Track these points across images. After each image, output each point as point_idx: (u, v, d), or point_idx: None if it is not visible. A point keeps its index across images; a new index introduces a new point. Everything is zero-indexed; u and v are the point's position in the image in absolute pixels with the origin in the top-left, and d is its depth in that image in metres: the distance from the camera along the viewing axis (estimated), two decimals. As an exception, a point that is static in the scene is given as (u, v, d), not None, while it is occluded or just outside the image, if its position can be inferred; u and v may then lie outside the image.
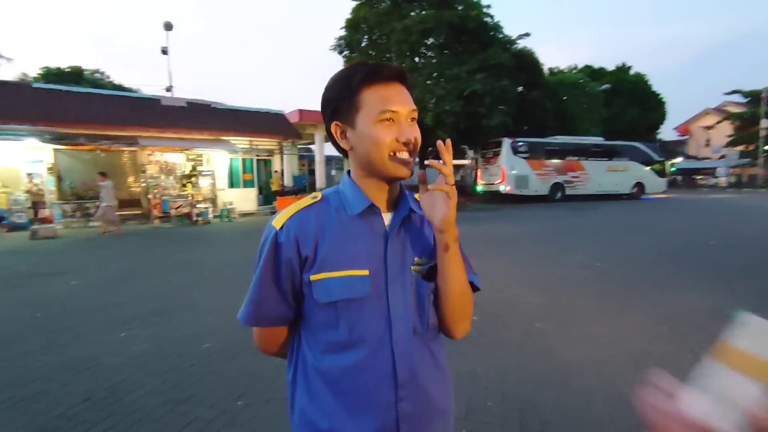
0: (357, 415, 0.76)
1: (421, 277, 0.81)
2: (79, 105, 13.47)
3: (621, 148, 20.12)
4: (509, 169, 17.33)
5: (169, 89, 20.11)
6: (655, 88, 32.03)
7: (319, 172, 19.12)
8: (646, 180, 20.23)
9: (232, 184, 16.21)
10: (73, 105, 13.35)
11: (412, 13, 18.46)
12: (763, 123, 29.73)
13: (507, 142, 17.41)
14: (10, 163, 12.20)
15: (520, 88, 20.74)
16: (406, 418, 0.77)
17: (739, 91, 33.18)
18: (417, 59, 19.00)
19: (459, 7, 18.09)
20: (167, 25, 19.88)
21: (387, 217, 0.82)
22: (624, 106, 29.18)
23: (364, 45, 19.75)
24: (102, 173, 10.59)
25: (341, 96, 0.78)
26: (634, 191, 19.94)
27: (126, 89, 25.68)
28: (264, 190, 17.40)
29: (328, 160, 23.03)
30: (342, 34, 19.98)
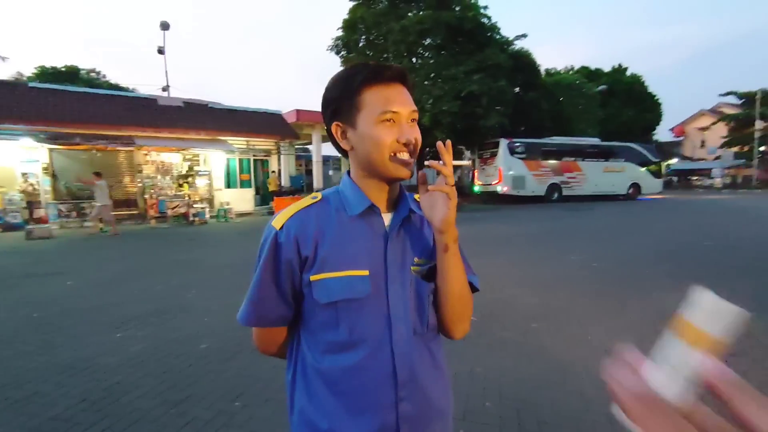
0: (357, 416, 0.76)
1: (421, 277, 0.81)
2: (74, 104, 13.40)
3: (617, 149, 20.22)
4: (506, 170, 17.38)
5: (165, 89, 20.04)
6: (651, 89, 32.26)
7: (316, 172, 19.11)
8: (642, 181, 20.34)
9: (229, 184, 16.17)
10: (68, 104, 13.28)
11: (409, 14, 18.49)
12: (758, 124, 29.96)
13: (504, 143, 17.46)
14: (5, 163, 12.11)
15: (517, 89, 20.80)
16: (406, 419, 0.77)
17: (733, 93, 33.45)
18: (414, 60, 19.03)
19: (456, 7, 18.13)
20: (164, 25, 19.80)
21: (387, 217, 0.82)
22: (620, 107, 29.35)
23: (361, 45, 19.76)
24: (96, 173, 10.55)
25: (342, 96, 0.78)
26: (631, 192, 20.04)
27: (122, 89, 25.57)
28: (261, 190, 17.36)
29: (326, 161, 23.01)
30: (339, 34, 19.98)
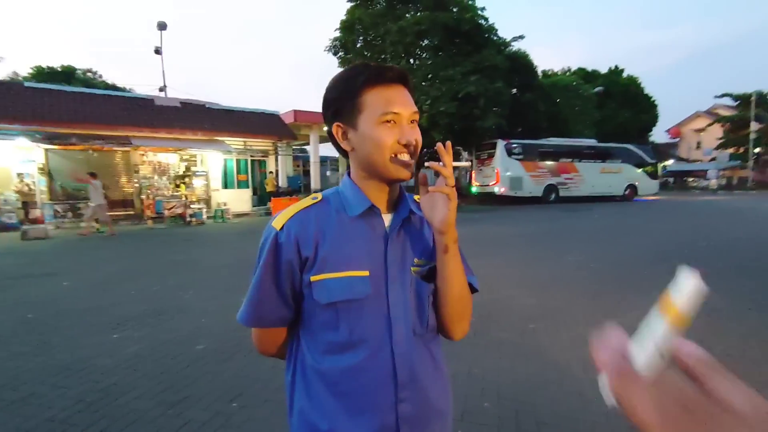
0: (357, 416, 0.76)
1: (421, 278, 0.81)
2: (71, 104, 13.33)
3: (614, 151, 20.32)
4: (503, 171, 17.42)
5: (162, 89, 19.98)
6: (647, 90, 32.45)
7: (313, 172, 19.09)
8: (638, 182, 20.45)
9: (227, 184, 16.13)
10: (65, 104, 13.21)
11: (407, 15, 18.52)
12: (753, 126, 30.18)
13: (501, 144, 17.51)
14: (1, 163, 12.04)
15: (514, 90, 20.85)
16: (406, 419, 0.77)
17: (729, 95, 33.69)
18: (412, 61, 19.05)
19: (453, 9, 18.17)
20: (161, 25, 19.75)
21: (387, 218, 0.82)
22: (616, 108, 29.50)
23: (359, 46, 19.77)
24: (91, 173, 10.49)
25: (343, 97, 0.78)
26: (627, 193, 20.14)
27: (119, 89, 25.48)
28: (258, 190, 17.32)
29: (323, 161, 23.01)
30: (337, 35, 19.98)
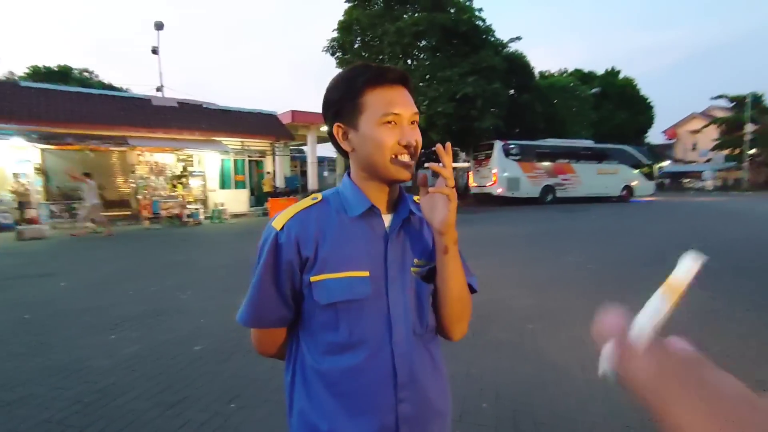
0: (357, 417, 0.76)
1: (421, 278, 0.81)
2: (67, 104, 13.28)
3: (610, 152, 20.41)
4: (501, 172, 17.46)
5: (159, 89, 19.91)
6: (643, 92, 32.58)
7: (311, 173, 19.08)
8: (634, 183, 20.54)
9: (224, 185, 16.08)
10: (61, 104, 13.15)
11: (404, 16, 18.52)
12: (748, 127, 30.38)
13: (498, 145, 17.54)
14: (-4, 163, 12.00)
15: (512, 91, 20.91)
16: (406, 420, 0.77)
17: (724, 96, 33.92)
18: (409, 61, 19.06)
19: (451, 10, 18.21)
20: (158, 25, 19.68)
21: (387, 218, 0.82)
22: (613, 109, 29.60)
23: (356, 47, 19.76)
24: (86, 173, 10.42)
25: (344, 97, 0.78)
26: (623, 194, 20.22)
27: (115, 89, 25.37)
28: (256, 191, 17.29)
29: (320, 162, 23.00)
30: (335, 35, 19.98)
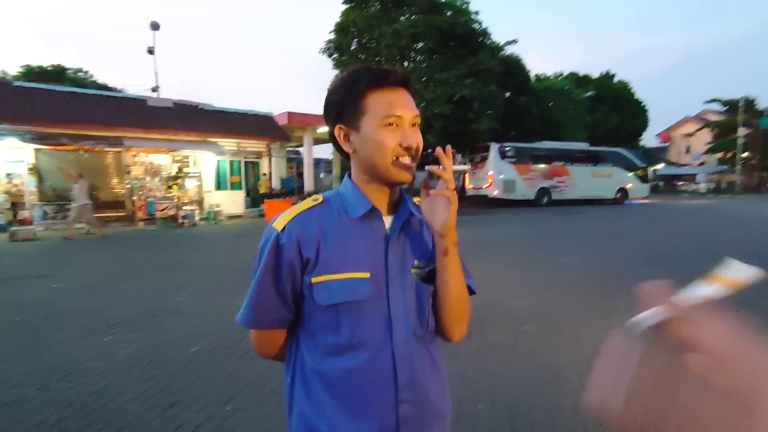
0: (357, 418, 0.76)
1: (421, 279, 0.81)
2: (62, 104, 13.17)
3: (605, 154, 20.55)
4: (497, 174, 17.53)
5: (155, 89, 19.82)
6: (637, 95, 32.85)
7: (307, 174, 19.03)
8: (629, 185, 20.69)
9: (219, 186, 16.01)
10: (55, 104, 13.04)
11: (401, 18, 18.57)
12: (741, 131, 30.71)
13: (495, 147, 17.62)
14: (-11, 163, 11.87)
15: (508, 94, 21.00)
16: (406, 421, 0.77)
17: (718, 100, 34.31)
18: (406, 63, 19.10)
19: (448, 12, 18.29)
20: (154, 25, 19.60)
21: (387, 220, 0.82)
22: (608, 112, 29.82)
23: (353, 48, 19.78)
24: (78, 174, 10.30)
25: (346, 99, 0.78)
26: (618, 196, 20.36)
27: (110, 89, 25.22)
28: (252, 192, 17.23)
29: (317, 163, 22.94)
30: (332, 37, 19.98)
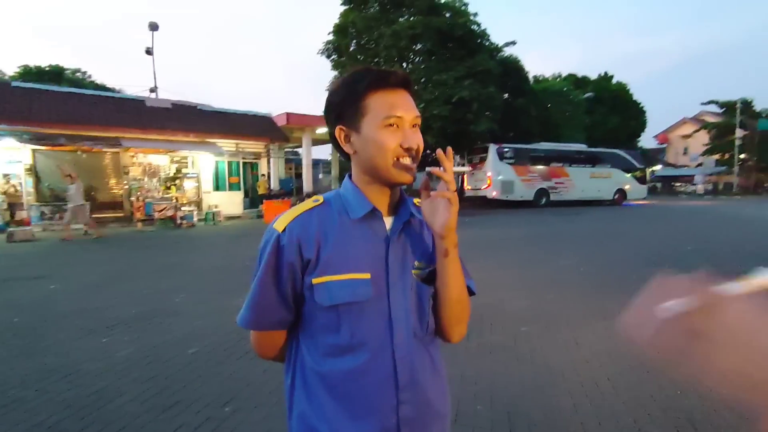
0: (358, 419, 0.76)
1: (421, 280, 0.81)
2: (59, 105, 13.15)
3: (603, 156, 20.61)
4: (495, 175, 17.56)
5: (153, 90, 19.79)
6: (635, 97, 32.98)
7: (306, 175, 19.02)
8: (627, 186, 20.75)
9: (218, 187, 16.00)
10: (53, 105, 13.02)
11: (400, 19, 18.60)
12: (738, 132, 30.85)
13: (493, 148, 17.65)
14: (-14, 164, 11.84)
15: (506, 95, 21.05)
16: (407, 422, 0.77)
17: (715, 102, 34.41)
18: (405, 64, 19.12)
19: (447, 14, 18.32)
20: (152, 26, 19.59)
21: (388, 221, 0.82)
22: (606, 114, 29.92)
23: (352, 49, 19.79)
24: (74, 175, 10.25)
25: (347, 100, 0.79)
26: (616, 197, 20.42)
27: (109, 89, 25.18)
28: (250, 193, 17.22)
29: (316, 164, 22.92)
30: (330, 38, 20.00)
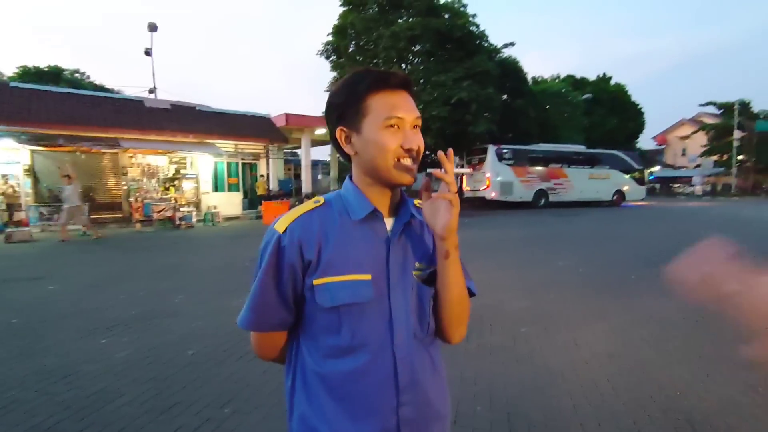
0: (358, 420, 0.76)
1: (422, 281, 0.81)
2: (58, 105, 13.14)
3: (602, 157, 20.66)
4: (494, 176, 17.59)
5: (152, 91, 19.78)
6: (634, 98, 33.04)
7: (305, 176, 19.03)
8: (626, 187, 20.80)
9: (217, 187, 16.00)
10: (51, 105, 13.01)
11: (399, 20, 18.62)
12: (736, 134, 30.96)
13: (492, 149, 17.68)
14: (-15, 164, 11.81)
15: (505, 96, 21.08)
16: (407, 423, 0.77)
17: (713, 103, 34.55)
18: (404, 66, 19.13)
19: (446, 15, 18.35)
20: (151, 26, 19.58)
21: (389, 222, 0.82)
22: (604, 115, 29.97)
23: (351, 50, 19.81)
24: (71, 175, 10.23)
25: (347, 101, 0.79)
26: (615, 198, 20.46)
27: (107, 90, 25.15)
28: (249, 194, 17.22)
29: (315, 165, 22.95)
30: (329, 39, 20.02)
